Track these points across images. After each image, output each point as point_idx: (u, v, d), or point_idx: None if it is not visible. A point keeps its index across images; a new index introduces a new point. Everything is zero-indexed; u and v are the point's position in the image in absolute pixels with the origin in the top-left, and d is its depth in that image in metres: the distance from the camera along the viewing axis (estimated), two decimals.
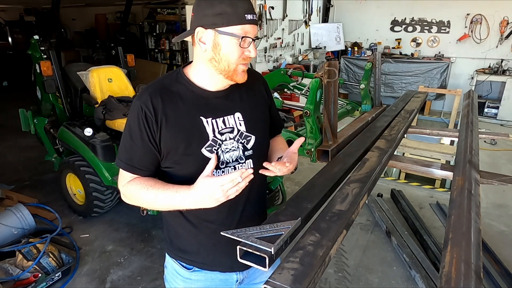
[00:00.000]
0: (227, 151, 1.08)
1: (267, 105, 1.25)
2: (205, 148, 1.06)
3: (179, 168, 1.08)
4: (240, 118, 1.11)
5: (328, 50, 7.97)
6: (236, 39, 0.97)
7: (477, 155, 1.76)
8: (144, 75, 6.57)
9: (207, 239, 1.17)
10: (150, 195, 1.01)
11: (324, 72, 2.06)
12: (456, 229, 1.11)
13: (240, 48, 0.99)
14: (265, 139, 1.22)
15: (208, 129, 1.06)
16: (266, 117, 1.23)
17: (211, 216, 1.14)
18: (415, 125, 2.97)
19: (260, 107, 1.20)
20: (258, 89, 1.22)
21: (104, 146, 3.05)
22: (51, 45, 3.65)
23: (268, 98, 1.25)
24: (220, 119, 1.08)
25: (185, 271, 1.21)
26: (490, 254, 2.79)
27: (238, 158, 1.10)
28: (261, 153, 1.18)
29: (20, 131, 4.06)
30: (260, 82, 1.24)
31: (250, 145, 1.12)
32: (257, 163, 1.14)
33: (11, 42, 9.96)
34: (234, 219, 1.14)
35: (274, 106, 1.31)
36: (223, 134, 1.08)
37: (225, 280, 1.24)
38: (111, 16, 9.09)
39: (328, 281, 2.59)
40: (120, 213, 3.45)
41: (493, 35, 6.90)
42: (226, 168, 1.09)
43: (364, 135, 2.04)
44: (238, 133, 1.10)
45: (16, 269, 2.49)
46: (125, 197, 1.10)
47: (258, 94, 1.22)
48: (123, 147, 1.07)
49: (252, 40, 1.00)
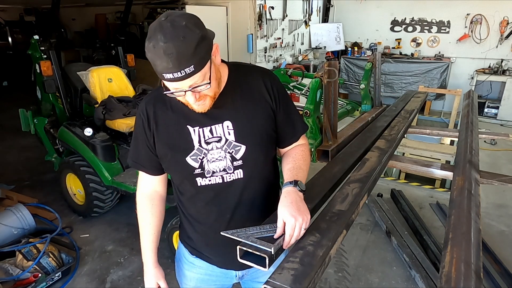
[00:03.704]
0: (213, 160, 1.06)
1: (271, 109, 1.10)
2: (190, 157, 1.06)
3: (171, 172, 1.16)
4: (229, 127, 1.06)
5: (328, 50, 7.97)
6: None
7: (477, 155, 1.76)
8: (144, 75, 6.54)
9: (200, 237, 1.21)
10: (140, 224, 1.25)
11: (324, 72, 2.06)
12: (456, 229, 1.11)
13: (180, 96, 0.96)
14: (261, 148, 1.10)
15: (194, 138, 1.06)
16: (265, 125, 1.10)
17: (201, 218, 1.18)
18: (415, 125, 2.96)
19: (259, 114, 1.09)
20: (258, 93, 1.10)
21: (104, 146, 3.05)
22: (51, 45, 3.64)
23: (273, 101, 1.10)
24: (208, 128, 1.06)
25: (190, 256, 1.28)
26: (490, 254, 2.79)
27: (226, 168, 1.07)
28: (254, 164, 1.10)
29: (20, 131, 4.06)
30: (260, 85, 1.10)
31: (239, 155, 1.07)
32: (249, 174, 1.09)
33: (11, 42, 9.95)
34: (221, 225, 1.13)
35: (286, 109, 1.13)
36: (209, 144, 1.06)
37: (225, 274, 1.27)
38: (111, 16, 9.08)
39: (328, 281, 2.59)
40: (120, 213, 3.44)
41: (493, 35, 6.90)
42: (212, 177, 1.08)
43: (364, 135, 2.04)
44: (226, 142, 1.06)
45: (16, 269, 2.48)
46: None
47: (257, 99, 1.09)
48: (131, 146, 1.18)
49: (185, 91, 0.92)
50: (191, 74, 0.88)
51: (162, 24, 0.86)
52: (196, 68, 0.88)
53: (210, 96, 0.98)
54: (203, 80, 0.92)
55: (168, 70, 0.86)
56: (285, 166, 1.13)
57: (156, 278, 1.26)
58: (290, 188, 0.99)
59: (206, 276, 1.28)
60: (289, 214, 0.91)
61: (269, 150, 1.15)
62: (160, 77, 0.91)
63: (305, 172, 1.12)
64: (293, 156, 1.14)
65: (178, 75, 0.87)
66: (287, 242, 0.90)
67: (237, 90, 1.08)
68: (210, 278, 1.28)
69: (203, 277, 1.28)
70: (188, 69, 0.87)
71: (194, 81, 0.90)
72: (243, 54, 6.28)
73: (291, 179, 1.02)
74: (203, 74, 0.91)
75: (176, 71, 0.86)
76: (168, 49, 0.83)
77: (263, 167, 1.14)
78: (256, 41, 6.31)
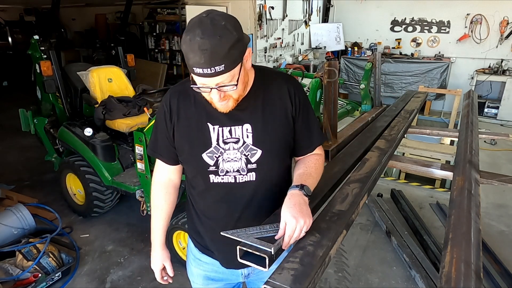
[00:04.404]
0: (228, 160, 1.08)
1: (291, 116, 1.11)
2: (206, 154, 1.09)
3: (186, 165, 1.18)
4: (248, 130, 1.08)
5: (328, 50, 7.97)
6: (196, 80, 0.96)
7: (477, 155, 1.76)
8: (144, 75, 6.57)
9: (207, 232, 1.22)
10: (152, 208, 1.30)
11: (324, 72, 2.06)
12: (456, 229, 1.11)
13: (205, 92, 0.98)
14: (277, 154, 1.12)
15: (213, 136, 1.08)
16: (284, 132, 1.11)
17: (210, 214, 1.19)
18: (415, 125, 2.97)
19: (278, 121, 1.10)
20: (280, 99, 1.10)
21: (104, 146, 3.05)
22: (51, 45, 3.64)
23: (294, 108, 1.11)
24: (227, 128, 1.08)
25: (197, 251, 1.31)
26: (490, 254, 2.79)
27: (240, 169, 1.09)
28: (268, 169, 1.11)
29: (20, 131, 4.06)
30: (284, 92, 1.11)
31: (255, 159, 1.08)
32: (261, 178, 1.11)
33: (11, 42, 9.96)
34: (228, 223, 1.14)
35: (305, 118, 1.14)
36: (227, 144, 1.08)
37: (231, 271, 1.28)
38: (111, 16, 9.08)
39: (328, 281, 2.59)
40: (120, 213, 3.44)
41: (493, 35, 6.90)
42: (225, 176, 1.10)
43: (364, 135, 2.05)
44: (243, 144, 1.08)
45: (16, 269, 2.48)
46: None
47: (279, 105, 1.10)
48: (152, 136, 1.22)
49: (211, 88, 0.95)
50: (221, 73, 0.90)
51: (202, 20, 0.89)
52: (226, 68, 0.90)
53: (234, 98, 1.00)
54: (230, 81, 0.94)
55: (199, 65, 0.89)
56: (296, 172, 1.14)
57: (162, 259, 1.31)
58: (295, 191, 1.00)
59: (213, 273, 1.29)
60: (291, 216, 0.91)
61: (285, 157, 1.16)
62: (190, 70, 0.93)
63: (315, 180, 1.11)
64: (305, 163, 1.15)
65: (208, 72, 0.89)
66: (286, 243, 0.91)
67: (261, 94, 1.10)
68: (216, 275, 1.30)
69: (209, 274, 1.30)
70: (219, 67, 0.89)
71: (222, 80, 0.93)
72: None
73: (299, 183, 1.03)
74: (232, 75, 0.93)
75: (207, 67, 0.89)
76: (203, 45, 0.86)
77: (276, 173, 1.15)
78: (256, 41, 6.31)
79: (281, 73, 1.19)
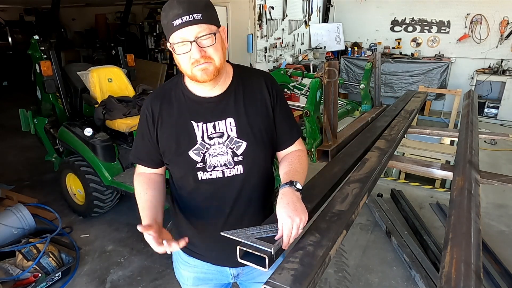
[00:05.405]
0: (215, 155, 1.10)
1: (271, 108, 1.14)
2: (192, 151, 1.10)
3: (172, 167, 1.18)
4: (232, 123, 1.10)
5: (328, 50, 7.97)
6: (177, 46, 0.98)
7: (477, 155, 1.76)
8: (144, 75, 6.57)
9: (197, 233, 1.22)
10: (138, 196, 1.19)
11: (324, 72, 2.06)
12: (456, 229, 1.11)
13: (186, 54, 0.98)
14: (260, 146, 1.13)
15: (198, 133, 1.10)
16: (266, 123, 1.14)
17: (199, 213, 1.20)
18: (415, 125, 2.97)
19: (259, 112, 1.13)
20: (259, 93, 1.14)
21: (104, 146, 3.05)
22: (51, 45, 3.64)
23: (272, 101, 1.15)
24: (211, 124, 1.10)
25: (185, 255, 1.30)
26: (490, 254, 2.79)
27: (226, 163, 1.11)
28: (254, 160, 1.13)
29: (20, 131, 4.06)
30: (261, 84, 1.15)
31: (240, 151, 1.10)
32: (248, 170, 1.13)
33: (11, 42, 9.96)
34: (220, 220, 1.16)
35: (283, 110, 1.18)
36: (212, 139, 1.10)
37: (220, 271, 1.29)
38: (111, 16, 9.09)
39: (328, 281, 2.59)
40: (120, 213, 3.44)
41: (493, 35, 6.90)
42: (213, 171, 1.11)
43: (364, 135, 2.04)
44: (228, 138, 1.10)
45: (16, 269, 2.48)
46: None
47: (259, 99, 1.14)
48: (134, 143, 1.24)
49: (191, 42, 0.96)
50: (199, 21, 0.95)
51: None
52: (203, 18, 0.96)
53: (214, 62, 1.00)
54: (209, 34, 0.97)
55: (178, 15, 0.94)
56: (281, 171, 1.14)
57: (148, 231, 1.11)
58: (286, 189, 1.00)
59: (202, 275, 1.30)
60: (286, 215, 0.92)
61: (268, 148, 1.18)
62: (169, 32, 0.97)
63: (302, 175, 1.12)
64: (289, 161, 1.16)
65: (187, 19, 0.94)
66: (286, 243, 0.92)
67: (241, 88, 1.13)
68: (206, 276, 1.30)
69: (199, 275, 1.30)
70: (197, 15, 0.95)
71: (200, 31, 0.96)
72: (243, 54, 6.28)
73: (287, 181, 1.03)
74: (210, 29, 0.98)
75: (186, 14, 0.94)
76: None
77: (262, 163, 1.17)
78: (256, 41, 6.31)
79: (257, 69, 1.24)
